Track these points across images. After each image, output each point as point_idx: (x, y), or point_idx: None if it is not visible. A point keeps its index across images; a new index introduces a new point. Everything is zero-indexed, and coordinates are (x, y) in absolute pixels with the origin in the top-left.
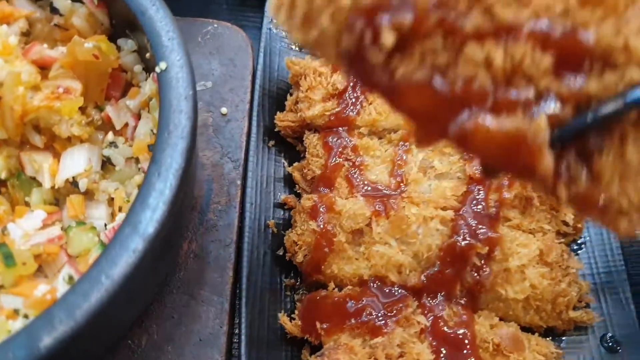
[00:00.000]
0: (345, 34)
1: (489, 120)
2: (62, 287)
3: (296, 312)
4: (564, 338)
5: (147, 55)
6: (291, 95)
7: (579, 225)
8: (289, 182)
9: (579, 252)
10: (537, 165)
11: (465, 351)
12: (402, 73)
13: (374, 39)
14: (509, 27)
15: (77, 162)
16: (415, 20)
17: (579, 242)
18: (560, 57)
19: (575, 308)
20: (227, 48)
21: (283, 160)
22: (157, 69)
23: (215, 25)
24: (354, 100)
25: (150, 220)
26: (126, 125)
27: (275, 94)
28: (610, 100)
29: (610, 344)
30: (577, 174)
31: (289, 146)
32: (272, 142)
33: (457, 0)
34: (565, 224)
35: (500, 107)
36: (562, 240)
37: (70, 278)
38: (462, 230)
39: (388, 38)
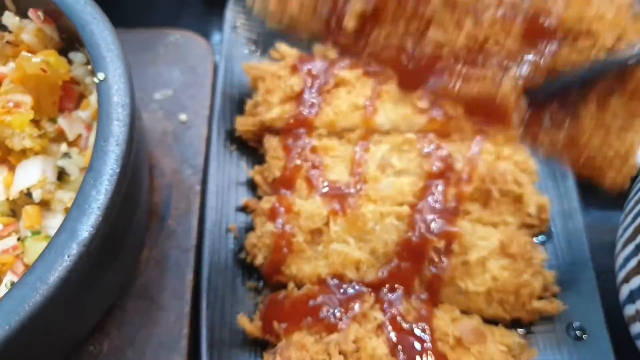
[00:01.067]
0: (314, 19)
1: (459, 85)
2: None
3: (257, 313)
4: (530, 329)
5: (89, 67)
6: (252, 99)
7: (543, 217)
8: (252, 186)
9: (545, 243)
10: (507, 122)
11: (423, 345)
12: (375, 42)
13: (338, 24)
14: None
15: (31, 173)
16: (376, 5)
17: (545, 233)
18: (530, 27)
19: (541, 298)
20: (188, 56)
21: (244, 164)
22: (96, 80)
23: (178, 36)
24: (312, 102)
25: (85, 225)
26: (80, 136)
27: (237, 99)
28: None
29: (576, 332)
30: (560, 122)
31: (251, 150)
32: (234, 147)
33: None
34: (529, 215)
35: (472, 69)
36: (528, 232)
37: (12, 284)
38: (417, 225)
39: (350, 23)
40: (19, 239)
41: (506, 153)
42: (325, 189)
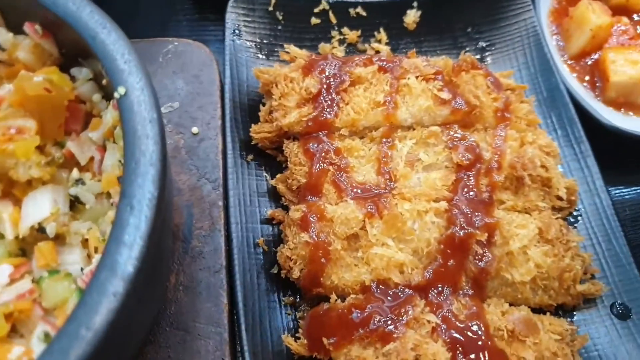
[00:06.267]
0: None
1: None
2: (38, 348)
3: (300, 330)
4: (574, 313)
5: (104, 81)
6: (264, 105)
7: (573, 198)
8: (274, 196)
9: (576, 224)
10: None
11: (480, 343)
12: None
13: None
14: None
15: (40, 206)
16: None
17: (574, 214)
18: None
19: (581, 281)
20: (190, 65)
21: (265, 174)
22: (116, 95)
23: (176, 43)
24: (329, 102)
25: (129, 258)
26: (92, 159)
27: (248, 106)
28: None
29: (620, 310)
30: None
31: (269, 158)
32: (250, 157)
33: None
34: (559, 198)
35: None
36: (558, 215)
37: (47, 336)
38: (458, 220)
39: None
40: (33, 281)
41: (530, 138)
42: (356, 191)
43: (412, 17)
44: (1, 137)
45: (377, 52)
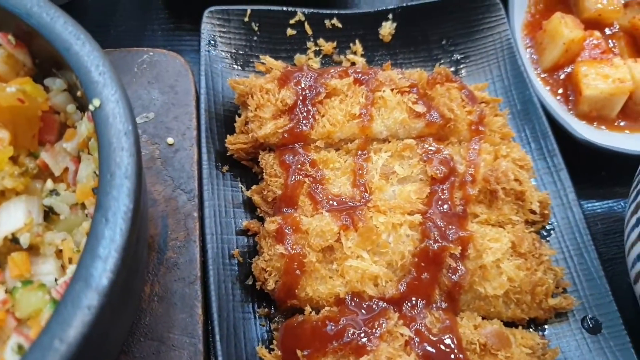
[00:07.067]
0: None
1: None
2: (11, 359)
3: (274, 341)
4: (546, 327)
5: (79, 93)
6: (240, 116)
7: (546, 212)
8: (250, 207)
9: (548, 238)
10: None
11: (453, 356)
12: None
13: None
14: None
15: (14, 216)
16: None
17: (547, 228)
18: None
19: (553, 295)
20: (165, 75)
21: (240, 185)
22: (91, 107)
23: (151, 53)
24: (305, 113)
25: (104, 271)
26: (66, 170)
27: (223, 117)
28: None
29: (591, 324)
30: None
31: (244, 169)
32: (226, 168)
33: None
34: (532, 212)
35: None
36: (531, 228)
37: (20, 347)
38: (432, 233)
39: None
40: (6, 291)
41: (504, 151)
42: (331, 203)
43: (387, 29)
44: None
45: (353, 63)
